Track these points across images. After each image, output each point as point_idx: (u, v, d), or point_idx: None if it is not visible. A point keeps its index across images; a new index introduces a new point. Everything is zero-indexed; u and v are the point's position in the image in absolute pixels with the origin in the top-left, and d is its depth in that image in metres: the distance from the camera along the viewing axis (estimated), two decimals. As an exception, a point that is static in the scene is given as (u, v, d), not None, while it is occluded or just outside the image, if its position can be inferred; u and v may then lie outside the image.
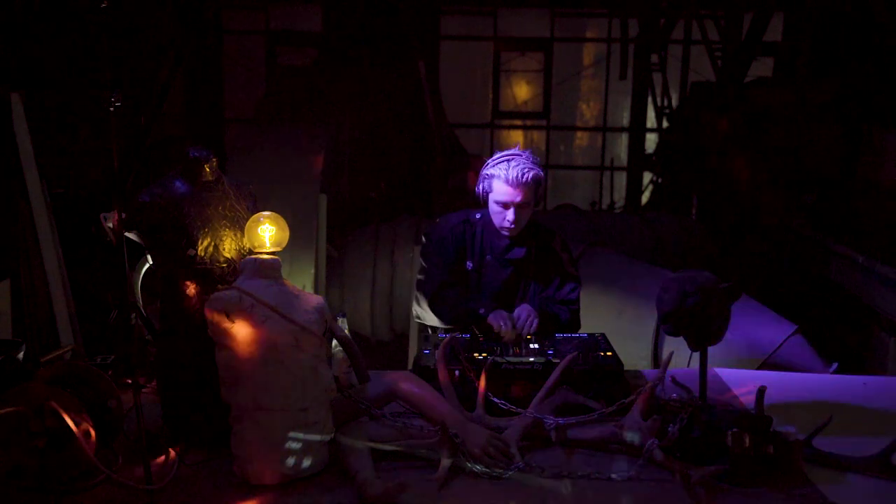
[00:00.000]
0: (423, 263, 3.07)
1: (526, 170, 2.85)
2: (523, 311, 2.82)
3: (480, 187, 2.97)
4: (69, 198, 4.60)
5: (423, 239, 3.14)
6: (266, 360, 2.09)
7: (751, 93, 8.68)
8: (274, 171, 6.03)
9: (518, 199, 2.86)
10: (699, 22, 10.81)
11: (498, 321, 2.78)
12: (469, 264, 3.01)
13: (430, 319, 3.02)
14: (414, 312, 3.16)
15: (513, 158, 2.89)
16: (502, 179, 2.86)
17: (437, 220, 3.14)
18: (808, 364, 4.73)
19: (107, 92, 2.00)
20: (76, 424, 2.00)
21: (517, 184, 2.84)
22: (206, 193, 2.35)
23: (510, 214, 2.88)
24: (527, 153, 2.93)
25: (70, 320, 4.02)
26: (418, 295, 3.07)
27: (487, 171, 2.93)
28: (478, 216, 3.04)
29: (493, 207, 2.93)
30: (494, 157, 2.95)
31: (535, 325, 2.78)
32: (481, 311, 2.83)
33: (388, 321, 6.56)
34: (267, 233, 2.24)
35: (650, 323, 5.03)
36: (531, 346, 2.67)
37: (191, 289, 2.29)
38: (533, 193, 2.90)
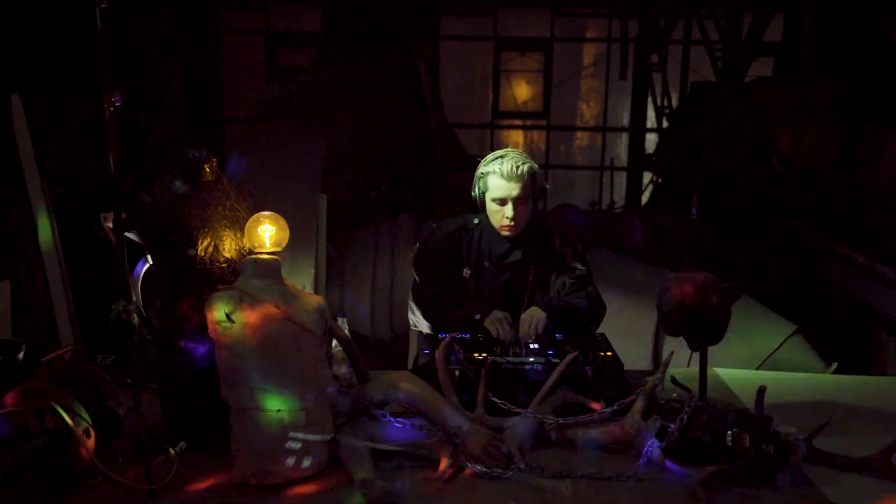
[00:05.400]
0: (417, 273, 3.04)
1: (520, 163, 2.84)
2: (528, 314, 2.79)
3: (476, 189, 2.95)
4: (69, 198, 4.60)
5: (418, 246, 3.10)
6: (266, 360, 2.09)
7: (751, 93, 8.69)
8: (274, 171, 6.03)
9: (515, 192, 2.84)
10: (699, 22, 10.81)
11: (495, 326, 2.75)
12: (466, 271, 2.98)
13: (426, 327, 3.00)
14: (411, 322, 3.14)
15: (506, 155, 2.88)
16: (497, 175, 2.85)
17: (434, 226, 3.10)
18: (808, 364, 4.74)
19: (107, 92, 2.00)
20: (76, 424, 2.00)
21: (512, 177, 2.82)
22: (206, 193, 2.35)
23: (508, 211, 2.86)
24: (519, 151, 2.92)
25: (70, 320, 4.02)
26: (412, 305, 3.05)
27: (481, 170, 2.92)
28: (476, 221, 3.02)
29: (491, 206, 2.91)
30: (487, 157, 2.93)
31: (540, 327, 2.74)
32: (477, 316, 2.81)
33: (388, 321, 6.55)
34: (267, 233, 2.24)
35: (650, 323, 5.04)
36: (531, 346, 2.66)
37: (191, 289, 2.29)
38: (530, 188, 2.87)
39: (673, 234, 7.36)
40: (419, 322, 3.03)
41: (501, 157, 2.88)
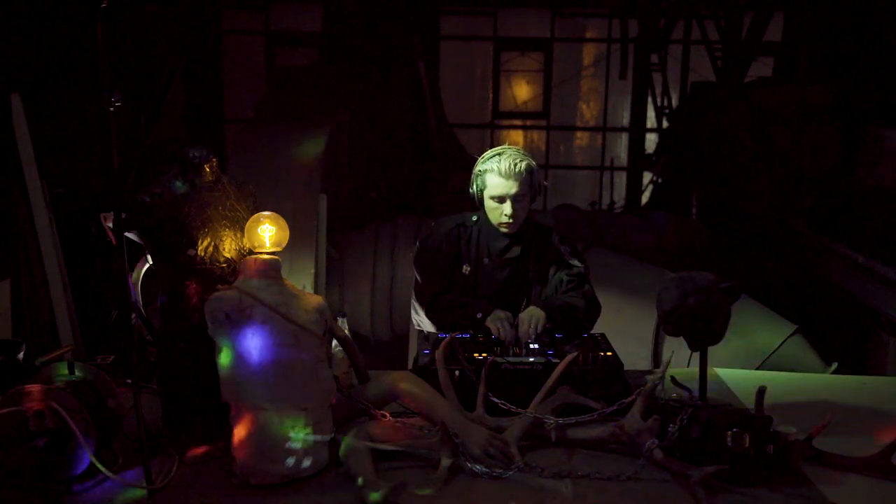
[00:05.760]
0: (418, 272, 3.04)
1: (518, 160, 2.84)
2: (526, 314, 2.79)
3: (474, 186, 2.94)
4: (69, 198, 4.60)
5: (417, 245, 3.09)
6: (266, 360, 2.09)
7: (751, 93, 8.69)
8: (274, 171, 6.04)
9: (514, 190, 2.83)
10: (699, 22, 10.81)
11: (496, 325, 2.75)
12: (466, 268, 2.98)
13: (429, 327, 3.00)
14: (414, 321, 3.14)
15: (503, 152, 2.88)
16: (495, 172, 2.84)
17: (432, 225, 3.10)
18: (808, 364, 4.74)
19: (107, 92, 2.00)
20: (76, 424, 2.00)
21: (511, 174, 2.82)
22: (206, 193, 2.35)
23: (507, 208, 2.85)
24: (516, 147, 2.92)
25: (70, 320, 4.02)
26: (416, 304, 3.05)
27: (479, 168, 2.91)
28: (474, 219, 3.01)
29: (490, 204, 2.90)
30: (484, 155, 2.93)
31: (539, 325, 2.75)
32: (479, 315, 2.81)
33: (388, 321, 6.56)
34: (267, 233, 2.24)
35: (650, 323, 5.04)
36: (531, 346, 2.66)
37: (191, 289, 2.29)
38: (528, 185, 2.87)
39: (672, 234, 7.36)
40: (423, 322, 3.03)
41: (499, 154, 2.87)
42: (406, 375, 2.39)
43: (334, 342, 2.36)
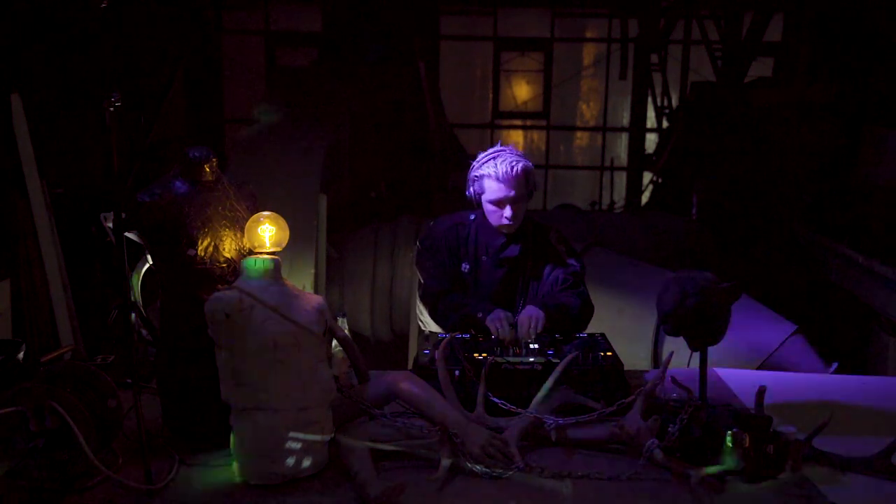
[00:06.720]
0: (420, 273, 3.05)
1: (514, 163, 2.84)
2: (525, 314, 2.80)
3: (471, 190, 2.95)
4: (69, 198, 4.60)
5: (418, 245, 3.10)
6: (266, 360, 2.09)
7: (751, 93, 8.69)
8: (274, 171, 6.03)
9: (512, 193, 2.84)
10: (699, 22, 10.82)
11: (495, 325, 2.76)
12: (465, 266, 2.98)
13: (435, 327, 3.01)
14: (419, 322, 3.14)
15: (499, 155, 2.87)
16: (493, 177, 2.84)
17: (431, 224, 3.11)
18: (808, 364, 4.73)
19: (107, 92, 2.00)
20: (76, 424, 2.00)
21: (509, 178, 2.82)
22: (206, 193, 2.35)
23: (507, 211, 2.86)
24: (510, 147, 2.91)
25: (70, 320, 4.02)
26: (420, 306, 3.06)
27: (476, 172, 2.91)
28: (472, 217, 3.02)
29: (489, 208, 2.91)
30: (479, 158, 2.92)
31: (539, 325, 2.75)
32: (479, 315, 2.81)
33: (388, 321, 6.55)
34: (267, 233, 2.24)
35: (650, 323, 5.03)
36: (531, 346, 2.67)
37: (191, 289, 2.29)
38: (525, 186, 2.87)
39: (672, 234, 7.35)
40: (428, 323, 3.04)
41: (494, 158, 2.87)
42: (406, 375, 2.39)
43: (334, 342, 2.36)
